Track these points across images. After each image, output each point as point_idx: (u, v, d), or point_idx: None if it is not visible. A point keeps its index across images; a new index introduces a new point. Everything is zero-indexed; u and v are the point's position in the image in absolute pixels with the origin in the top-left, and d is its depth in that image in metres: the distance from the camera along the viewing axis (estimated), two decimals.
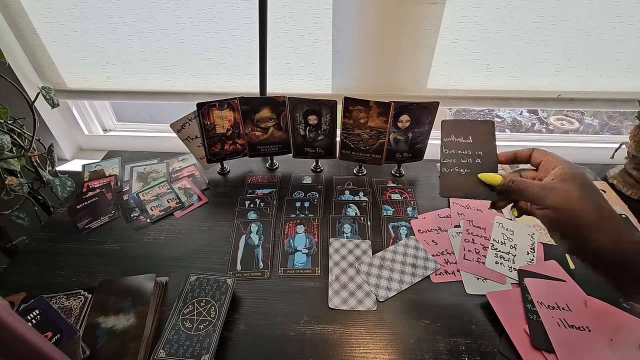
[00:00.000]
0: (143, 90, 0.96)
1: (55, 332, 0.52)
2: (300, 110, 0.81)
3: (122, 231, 0.76)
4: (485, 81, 0.90)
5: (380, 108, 0.77)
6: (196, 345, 0.53)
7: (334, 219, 0.77)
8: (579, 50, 0.83)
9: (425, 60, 0.87)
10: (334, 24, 0.82)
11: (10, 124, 0.78)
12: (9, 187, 0.76)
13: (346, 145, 0.85)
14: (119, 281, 0.63)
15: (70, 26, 0.86)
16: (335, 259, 0.69)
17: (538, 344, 0.54)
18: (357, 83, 0.92)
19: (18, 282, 0.66)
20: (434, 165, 0.94)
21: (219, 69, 0.91)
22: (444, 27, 0.81)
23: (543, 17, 0.79)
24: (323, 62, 0.89)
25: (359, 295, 0.63)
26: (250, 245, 0.72)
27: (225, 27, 0.84)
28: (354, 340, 0.57)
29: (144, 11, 0.83)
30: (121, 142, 1.09)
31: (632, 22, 0.78)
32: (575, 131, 1.85)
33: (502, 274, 0.66)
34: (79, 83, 0.96)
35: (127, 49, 0.89)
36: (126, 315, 0.57)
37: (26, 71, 0.90)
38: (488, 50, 0.85)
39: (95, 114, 1.09)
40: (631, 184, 0.84)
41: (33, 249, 0.73)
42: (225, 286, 0.60)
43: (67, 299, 0.61)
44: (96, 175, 0.91)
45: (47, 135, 0.98)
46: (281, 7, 0.81)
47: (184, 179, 0.89)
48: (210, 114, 0.82)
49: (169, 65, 0.91)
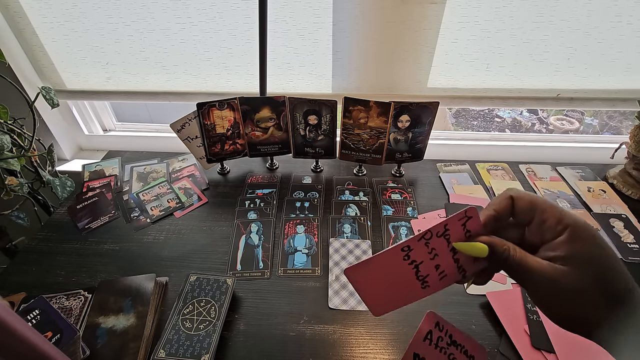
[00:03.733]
0: (143, 91, 0.96)
1: (55, 332, 0.52)
2: (300, 110, 0.81)
3: (122, 231, 0.76)
4: (485, 81, 0.90)
5: (380, 108, 0.77)
6: (196, 345, 0.53)
7: (334, 219, 0.77)
8: (578, 50, 0.83)
9: (425, 60, 0.87)
10: (334, 24, 0.82)
11: (10, 124, 0.78)
12: (9, 187, 0.76)
13: (346, 145, 0.85)
14: (119, 281, 0.63)
15: (70, 26, 0.86)
16: (335, 259, 0.69)
17: (538, 344, 0.54)
18: (357, 83, 0.92)
19: (18, 282, 0.66)
20: (434, 165, 0.94)
21: (219, 69, 0.91)
22: (444, 26, 0.81)
23: (542, 16, 0.79)
24: (323, 62, 0.89)
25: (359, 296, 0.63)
26: (250, 245, 0.72)
27: (225, 27, 0.84)
28: (354, 340, 0.57)
29: (143, 11, 0.83)
30: (121, 142, 1.09)
31: (631, 21, 0.78)
32: (575, 131, 1.85)
33: (502, 274, 0.66)
34: (78, 83, 0.96)
35: (127, 49, 0.89)
36: (126, 315, 0.57)
37: (26, 71, 0.90)
38: (488, 50, 0.85)
39: (95, 114, 1.09)
40: (631, 184, 0.84)
41: (33, 249, 0.73)
42: (225, 286, 0.60)
43: (67, 299, 0.61)
44: (96, 175, 0.91)
45: (47, 135, 0.98)
46: (281, 7, 0.81)
47: (184, 179, 0.89)
48: (210, 114, 0.82)
49: (169, 65, 0.91)
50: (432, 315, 0.40)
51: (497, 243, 0.31)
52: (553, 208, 0.30)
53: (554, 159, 0.96)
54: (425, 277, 0.34)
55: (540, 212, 0.31)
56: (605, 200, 0.82)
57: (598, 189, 0.86)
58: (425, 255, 0.34)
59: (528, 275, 0.30)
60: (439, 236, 0.33)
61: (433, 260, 0.34)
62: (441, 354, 0.40)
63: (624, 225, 0.76)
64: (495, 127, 1.94)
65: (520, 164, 0.94)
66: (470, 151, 1.05)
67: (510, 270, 0.31)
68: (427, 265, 0.34)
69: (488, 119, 1.98)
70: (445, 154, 0.97)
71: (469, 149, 1.05)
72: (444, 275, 0.34)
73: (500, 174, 0.91)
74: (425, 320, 0.40)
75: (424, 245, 0.34)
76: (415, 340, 0.39)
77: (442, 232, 0.33)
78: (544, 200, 0.31)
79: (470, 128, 1.97)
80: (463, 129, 1.96)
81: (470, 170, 0.92)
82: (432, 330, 0.40)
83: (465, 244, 0.32)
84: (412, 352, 0.38)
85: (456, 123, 2.00)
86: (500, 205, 0.33)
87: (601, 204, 0.81)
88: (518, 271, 0.31)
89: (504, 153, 1.01)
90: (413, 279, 0.35)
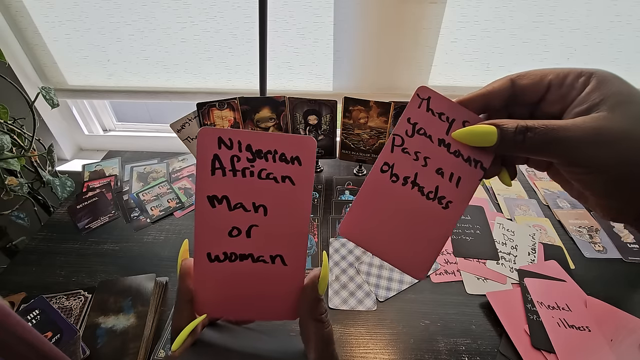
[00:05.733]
0: (144, 89, 0.96)
1: (55, 332, 0.52)
2: (300, 110, 0.81)
3: (122, 231, 0.76)
4: (485, 80, 0.90)
5: (380, 108, 0.77)
6: None
7: (334, 219, 0.77)
8: (578, 50, 0.83)
9: (425, 60, 0.87)
10: (334, 23, 0.82)
11: (10, 124, 0.78)
12: (9, 187, 0.76)
13: (346, 145, 0.85)
14: (119, 281, 0.63)
15: (72, 25, 0.86)
16: (336, 259, 0.69)
17: (538, 344, 0.54)
18: (357, 82, 0.92)
19: (18, 282, 0.66)
20: None
21: (219, 68, 0.91)
22: (444, 26, 0.81)
23: (542, 16, 0.79)
24: (323, 62, 0.89)
25: (359, 295, 0.63)
26: None
27: (226, 27, 0.84)
28: (354, 340, 0.57)
29: (144, 10, 0.83)
30: (121, 142, 1.09)
31: (631, 21, 0.78)
32: None
33: (502, 274, 0.66)
34: (80, 82, 0.95)
35: (128, 48, 0.89)
36: (126, 315, 0.57)
37: (26, 71, 0.90)
38: (488, 50, 0.85)
39: (95, 114, 1.09)
40: None
41: (33, 249, 0.73)
42: None
43: (67, 299, 0.61)
44: (96, 175, 0.91)
45: (47, 136, 0.98)
46: (281, 7, 0.81)
47: (184, 179, 0.89)
48: (210, 114, 0.82)
49: (169, 65, 0.91)
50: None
51: (503, 122, 0.24)
52: (569, 69, 0.25)
53: None
54: (435, 191, 0.26)
55: (555, 76, 0.25)
56: None
57: None
58: (414, 164, 0.27)
59: (562, 142, 0.23)
60: (412, 135, 0.27)
61: (428, 167, 0.27)
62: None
63: (624, 225, 0.76)
64: None
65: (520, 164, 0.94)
66: None
67: (535, 147, 0.24)
68: (426, 176, 0.27)
69: None
70: None
71: None
72: (458, 178, 0.27)
73: None
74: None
75: (404, 153, 0.27)
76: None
77: (411, 129, 0.27)
78: (554, 68, 0.26)
79: None
80: None
81: None
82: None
83: (462, 131, 0.26)
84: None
85: None
86: (495, 85, 0.27)
87: None
88: (546, 142, 0.23)
89: None
90: (424, 202, 0.27)
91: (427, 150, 0.27)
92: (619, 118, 0.22)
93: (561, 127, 0.23)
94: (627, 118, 0.22)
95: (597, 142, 0.22)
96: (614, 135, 0.22)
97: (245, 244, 0.26)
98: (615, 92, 0.23)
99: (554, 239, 0.73)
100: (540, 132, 0.23)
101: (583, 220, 0.77)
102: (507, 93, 0.26)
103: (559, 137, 0.23)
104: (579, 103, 0.24)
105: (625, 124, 0.22)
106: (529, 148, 0.24)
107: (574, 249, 0.71)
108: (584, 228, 0.75)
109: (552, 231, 0.74)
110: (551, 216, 0.78)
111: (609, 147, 0.22)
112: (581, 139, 0.22)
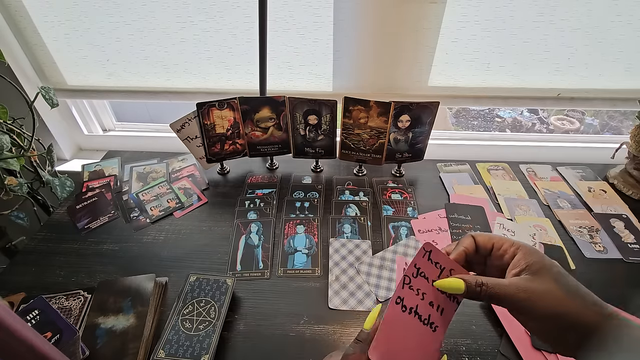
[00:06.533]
0: (143, 89, 0.96)
1: (55, 332, 0.52)
2: (300, 110, 0.81)
3: (122, 231, 0.76)
4: (485, 80, 0.90)
5: (381, 108, 0.77)
6: (196, 345, 0.53)
7: (334, 219, 0.77)
8: (579, 50, 0.83)
9: (425, 60, 0.87)
10: (334, 23, 0.82)
11: (10, 124, 0.78)
12: (9, 187, 0.76)
13: (346, 145, 0.85)
14: (118, 281, 0.62)
15: (71, 25, 0.85)
16: (335, 259, 0.69)
17: (538, 344, 0.54)
18: (357, 82, 0.92)
19: (17, 282, 0.66)
20: (434, 165, 0.94)
21: (219, 68, 0.91)
22: (444, 26, 0.81)
23: (542, 16, 0.79)
24: (323, 62, 0.89)
25: (359, 296, 0.63)
26: (250, 245, 0.72)
27: (226, 26, 0.84)
28: None
29: (144, 10, 0.82)
30: (121, 142, 1.09)
31: (631, 21, 0.78)
32: (576, 131, 1.85)
33: None
34: (79, 82, 0.95)
35: (127, 48, 0.89)
36: (126, 315, 0.57)
37: (26, 71, 0.90)
38: (488, 49, 0.84)
39: (94, 114, 1.09)
40: (632, 184, 0.84)
41: (32, 249, 0.73)
42: (225, 286, 0.60)
43: (67, 299, 0.61)
44: (96, 175, 0.91)
45: (46, 135, 0.98)
46: (281, 6, 0.80)
47: (184, 179, 0.89)
48: (210, 114, 0.82)
49: (169, 64, 0.91)
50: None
51: (469, 279, 0.36)
52: (506, 238, 0.38)
53: (554, 159, 0.96)
54: (428, 319, 0.37)
55: (497, 241, 0.38)
56: (605, 201, 0.82)
57: (599, 189, 0.86)
58: (416, 298, 0.37)
59: (505, 296, 0.34)
60: (416, 276, 0.38)
61: (424, 300, 0.38)
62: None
63: (625, 225, 0.76)
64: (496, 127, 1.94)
65: (521, 164, 0.94)
66: (471, 151, 1.05)
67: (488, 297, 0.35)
68: (423, 307, 0.37)
69: (488, 118, 1.98)
70: (446, 154, 0.97)
71: (470, 149, 1.05)
72: (442, 309, 0.38)
73: (501, 174, 0.90)
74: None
75: (410, 289, 0.38)
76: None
77: (416, 272, 0.38)
78: (498, 235, 0.39)
79: (470, 128, 1.96)
80: (463, 129, 1.95)
81: (471, 170, 0.92)
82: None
83: (442, 282, 0.37)
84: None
85: (456, 123, 1.99)
86: (466, 243, 0.39)
87: (602, 204, 0.81)
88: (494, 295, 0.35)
89: (504, 153, 1.01)
90: (421, 327, 0.37)
91: (424, 288, 0.38)
92: (538, 280, 0.34)
93: (502, 284, 0.34)
94: (546, 280, 0.34)
95: (528, 298, 0.33)
96: (538, 293, 0.33)
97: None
98: (535, 261, 0.35)
99: (554, 239, 0.73)
100: (490, 286, 0.35)
101: (583, 221, 0.77)
102: (473, 246, 0.39)
103: (501, 293, 0.34)
104: (512, 267, 0.36)
105: (545, 285, 0.33)
106: (483, 297, 0.35)
107: (574, 249, 0.71)
108: (584, 228, 0.75)
109: (553, 231, 0.74)
110: (551, 216, 0.78)
111: (535, 302, 0.33)
112: (514, 295, 0.33)
